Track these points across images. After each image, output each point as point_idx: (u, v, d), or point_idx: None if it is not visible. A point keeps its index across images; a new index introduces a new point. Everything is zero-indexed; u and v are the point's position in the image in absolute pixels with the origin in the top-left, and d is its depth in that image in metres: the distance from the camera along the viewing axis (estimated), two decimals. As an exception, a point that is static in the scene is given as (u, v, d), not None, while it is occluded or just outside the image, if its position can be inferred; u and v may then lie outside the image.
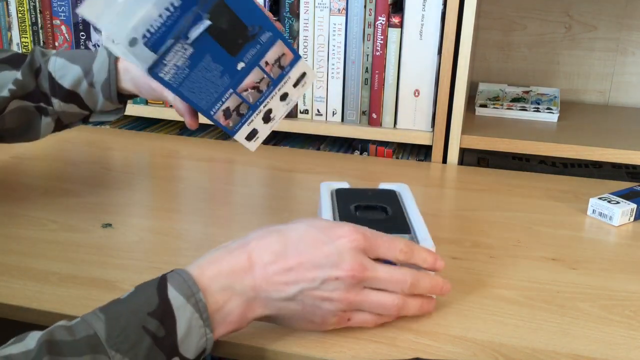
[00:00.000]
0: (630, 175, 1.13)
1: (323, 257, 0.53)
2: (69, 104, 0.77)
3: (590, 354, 0.58)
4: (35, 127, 0.78)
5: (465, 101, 1.04)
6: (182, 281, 0.50)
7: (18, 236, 0.76)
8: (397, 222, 0.69)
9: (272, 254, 0.54)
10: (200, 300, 0.50)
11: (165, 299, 0.49)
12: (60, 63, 0.76)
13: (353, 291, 0.55)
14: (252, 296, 0.53)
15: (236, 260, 0.53)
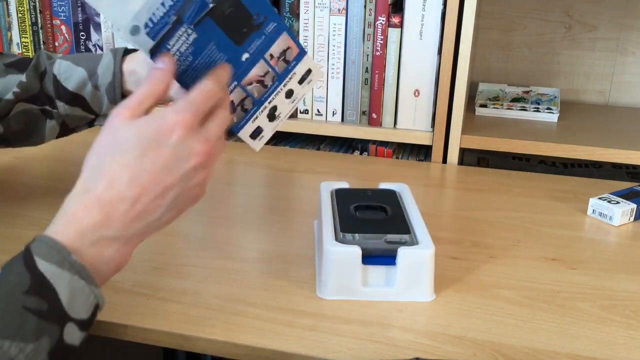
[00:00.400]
0: (630, 175, 1.13)
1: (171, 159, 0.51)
2: (74, 107, 0.76)
3: (590, 354, 0.58)
4: (40, 131, 0.77)
5: (465, 101, 1.04)
6: (48, 249, 0.48)
7: (18, 236, 0.75)
8: (397, 222, 0.69)
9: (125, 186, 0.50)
10: (74, 262, 0.48)
11: (37, 273, 0.47)
12: (65, 65, 0.75)
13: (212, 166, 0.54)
14: (128, 237, 0.51)
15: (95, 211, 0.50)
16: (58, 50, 1.16)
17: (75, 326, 0.48)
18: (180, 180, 0.51)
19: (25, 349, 0.45)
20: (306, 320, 0.61)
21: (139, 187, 0.50)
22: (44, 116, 0.76)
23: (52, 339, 0.47)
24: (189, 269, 0.70)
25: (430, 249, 0.64)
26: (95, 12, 1.13)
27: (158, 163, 0.50)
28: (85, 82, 0.75)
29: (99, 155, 0.52)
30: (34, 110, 0.75)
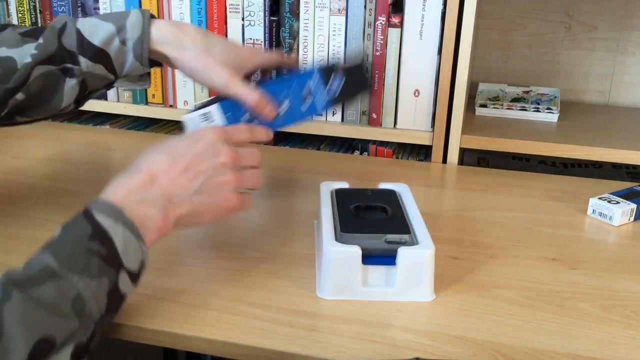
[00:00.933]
0: (630, 175, 1.13)
1: (202, 152, 0.63)
2: (96, 64, 0.72)
3: (590, 354, 0.58)
4: (58, 93, 0.73)
5: (465, 101, 1.04)
6: (105, 206, 0.56)
7: (18, 236, 0.76)
8: (397, 222, 0.69)
9: (164, 163, 0.61)
10: (126, 219, 0.56)
11: (97, 224, 0.54)
12: (90, 21, 0.72)
13: (237, 172, 0.64)
14: (166, 201, 0.59)
15: (138, 178, 0.60)
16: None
17: (127, 276, 0.55)
18: (208, 170, 0.62)
19: (90, 285, 0.52)
20: (306, 320, 0.61)
21: (175, 164, 0.61)
22: (63, 76, 0.72)
23: (110, 281, 0.53)
24: (189, 269, 0.70)
25: (430, 249, 0.64)
26: (95, 12, 1.13)
27: (192, 151, 0.62)
28: (113, 37, 0.72)
29: (147, 150, 0.64)
30: (53, 70, 0.71)
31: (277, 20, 1.06)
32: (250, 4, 1.06)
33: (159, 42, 0.73)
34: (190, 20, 1.09)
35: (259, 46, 0.91)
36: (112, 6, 1.11)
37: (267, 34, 1.07)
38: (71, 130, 1.15)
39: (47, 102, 0.74)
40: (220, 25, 1.08)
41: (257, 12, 1.06)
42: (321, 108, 0.79)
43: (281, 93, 0.77)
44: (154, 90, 1.15)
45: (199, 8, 1.08)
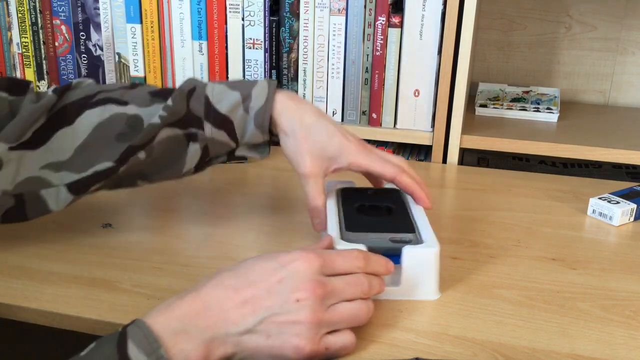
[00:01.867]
0: (630, 175, 1.13)
1: (277, 282, 0.53)
2: (220, 131, 0.71)
3: (590, 354, 0.58)
4: (181, 157, 0.71)
5: (465, 101, 1.04)
6: (142, 336, 0.49)
7: (18, 236, 0.76)
8: (401, 221, 0.69)
9: (225, 289, 0.52)
10: (161, 356, 0.48)
11: (126, 357, 0.47)
12: (219, 88, 0.72)
13: (320, 310, 0.53)
14: (210, 336, 0.51)
15: (187, 304, 0.52)
16: (58, 50, 1.16)
17: None
18: (274, 306, 0.52)
19: None
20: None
21: (236, 294, 0.52)
22: (187, 141, 0.71)
23: None
24: (189, 269, 0.70)
25: (435, 248, 0.64)
26: (95, 12, 1.13)
27: (266, 280, 0.53)
28: (238, 105, 0.71)
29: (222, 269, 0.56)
30: (179, 135, 0.70)
31: (277, 20, 1.06)
32: (250, 4, 1.06)
33: (278, 113, 0.71)
34: (190, 20, 1.09)
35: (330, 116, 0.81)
36: (112, 6, 1.11)
37: (267, 34, 1.07)
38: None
39: (168, 166, 0.72)
40: (220, 25, 1.08)
41: (257, 12, 1.06)
42: None
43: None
44: (154, 90, 1.15)
45: (199, 8, 1.08)
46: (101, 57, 1.15)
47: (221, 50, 1.10)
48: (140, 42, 1.13)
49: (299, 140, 0.71)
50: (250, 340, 0.52)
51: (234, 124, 0.71)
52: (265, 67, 1.09)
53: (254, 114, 0.71)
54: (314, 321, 0.52)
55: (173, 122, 0.70)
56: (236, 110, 0.71)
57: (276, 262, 0.54)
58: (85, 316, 0.61)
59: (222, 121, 0.71)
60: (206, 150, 0.72)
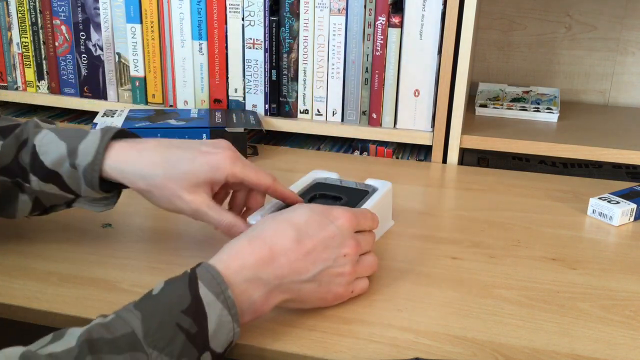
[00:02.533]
0: (630, 175, 1.13)
1: (330, 237, 0.59)
2: (49, 184, 0.66)
3: (590, 354, 0.58)
4: (12, 204, 0.68)
5: (465, 101, 1.04)
6: (211, 278, 0.52)
7: (18, 236, 0.76)
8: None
9: (290, 240, 0.57)
10: (229, 297, 0.52)
11: (197, 297, 0.51)
12: (48, 138, 0.66)
13: (357, 264, 0.62)
14: (276, 284, 0.56)
15: (258, 252, 0.56)
16: (58, 50, 1.16)
17: (210, 356, 0.52)
18: (329, 260, 0.59)
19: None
20: (306, 320, 0.61)
21: (299, 246, 0.58)
22: (17, 189, 0.67)
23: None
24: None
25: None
26: (95, 12, 1.13)
27: (320, 234, 0.59)
28: (64, 160, 0.65)
29: (274, 216, 0.61)
30: (6, 182, 0.66)
31: (277, 20, 1.06)
32: (250, 4, 1.06)
33: (113, 170, 0.65)
34: (190, 20, 1.09)
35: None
36: (112, 6, 1.11)
37: (267, 34, 1.07)
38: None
39: (1, 209, 0.68)
40: (220, 25, 1.08)
41: (257, 12, 1.06)
42: None
43: None
44: (154, 90, 1.15)
45: (199, 8, 1.08)
46: (101, 57, 1.15)
47: (221, 50, 1.10)
48: (140, 42, 1.13)
49: (161, 186, 0.65)
50: (307, 288, 0.58)
51: (63, 178, 0.66)
52: (265, 67, 1.09)
53: (82, 170, 0.65)
54: (353, 273, 0.61)
55: (0, 169, 0.65)
56: (62, 165, 0.65)
57: (326, 218, 0.60)
58: (85, 316, 0.61)
59: (49, 175, 0.65)
60: (38, 201, 0.67)
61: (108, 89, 1.17)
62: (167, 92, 1.15)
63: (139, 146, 0.66)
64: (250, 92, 1.11)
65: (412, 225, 0.82)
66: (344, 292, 0.62)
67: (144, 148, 0.66)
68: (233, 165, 0.66)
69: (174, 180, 0.65)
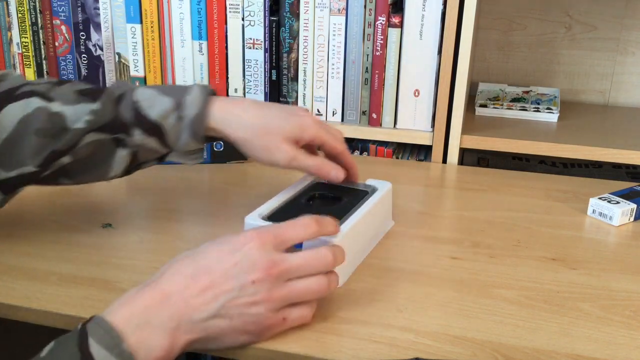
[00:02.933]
0: (630, 175, 1.13)
1: (232, 266, 0.54)
2: (150, 137, 0.69)
3: (590, 354, 0.58)
4: (107, 162, 0.70)
5: (465, 101, 1.04)
6: (103, 333, 0.49)
7: (18, 236, 0.76)
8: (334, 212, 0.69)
9: (185, 278, 0.54)
10: (124, 350, 0.49)
11: (88, 355, 0.48)
12: (149, 94, 0.69)
13: (276, 288, 0.55)
14: (174, 325, 0.52)
15: (148, 296, 0.53)
16: (58, 50, 1.16)
17: None
18: (234, 290, 0.53)
19: None
20: (306, 320, 0.61)
21: (195, 282, 0.53)
22: (114, 146, 0.69)
23: None
24: (189, 269, 0.70)
25: (334, 239, 0.63)
26: (95, 12, 1.13)
27: (220, 266, 0.54)
28: (169, 112, 0.68)
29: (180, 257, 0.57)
30: (106, 140, 0.68)
31: (277, 20, 1.06)
32: (250, 4, 1.06)
33: (217, 122, 0.69)
34: (190, 20, 1.09)
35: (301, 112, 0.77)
36: (112, 6, 1.11)
37: (267, 34, 1.07)
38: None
39: (94, 169, 0.70)
40: (220, 25, 1.08)
41: (257, 12, 1.06)
42: None
43: None
44: (154, 90, 1.15)
45: (199, 8, 1.08)
46: (101, 57, 1.15)
47: (221, 50, 1.10)
48: (140, 42, 1.13)
49: (262, 136, 0.70)
50: (215, 325, 0.53)
51: (166, 131, 0.69)
52: (265, 67, 1.09)
53: (189, 122, 0.68)
54: (271, 300, 0.54)
55: (100, 127, 0.67)
56: (168, 118, 0.68)
57: (230, 245, 0.55)
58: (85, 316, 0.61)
59: (152, 128, 0.68)
60: (135, 155, 0.70)
61: (108, 89, 1.17)
62: (167, 92, 1.15)
63: (238, 101, 0.72)
64: (250, 92, 1.11)
65: (412, 225, 0.82)
66: (266, 321, 0.55)
67: (244, 102, 0.72)
68: (319, 128, 0.72)
69: (273, 132, 0.70)
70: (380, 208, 0.76)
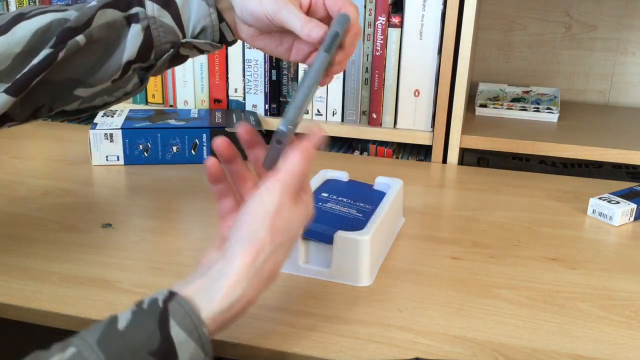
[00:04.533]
0: (630, 175, 1.13)
1: (284, 226, 0.54)
2: (163, 11, 0.65)
3: (590, 354, 0.58)
4: (121, 43, 0.65)
5: (465, 101, 1.04)
6: (184, 314, 0.49)
7: (18, 236, 0.76)
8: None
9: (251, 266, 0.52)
10: (203, 334, 0.49)
11: (167, 336, 0.47)
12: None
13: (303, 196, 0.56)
14: (247, 305, 0.52)
15: (239, 290, 0.51)
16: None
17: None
18: (286, 237, 0.54)
19: None
20: (306, 320, 0.61)
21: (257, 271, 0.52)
22: (127, 24, 0.65)
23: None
24: (188, 269, 0.69)
25: (366, 237, 0.66)
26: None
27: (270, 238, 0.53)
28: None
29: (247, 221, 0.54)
30: (118, 18, 0.64)
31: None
32: (250, 4, 1.06)
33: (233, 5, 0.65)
34: (190, 20, 1.09)
35: None
36: (112, 6, 1.11)
37: (267, 34, 1.07)
38: (71, 130, 1.15)
39: (108, 56, 0.65)
40: (220, 25, 1.08)
41: (257, 12, 1.06)
42: None
43: None
44: (154, 90, 1.15)
45: (199, 8, 1.08)
46: (101, 57, 1.15)
47: (221, 50, 1.10)
48: (140, 42, 1.13)
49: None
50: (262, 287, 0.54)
51: (178, 7, 0.65)
52: (265, 67, 1.09)
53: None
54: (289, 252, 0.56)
55: (112, 2, 0.64)
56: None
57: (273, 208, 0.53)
58: (85, 316, 0.61)
59: (166, 2, 0.65)
60: (149, 35, 0.65)
61: (108, 89, 1.17)
62: (167, 92, 1.15)
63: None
64: (250, 92, 1.11)
65: (412, 225, 0.82)
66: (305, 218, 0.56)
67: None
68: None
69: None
70: (396, 205, 0.78)
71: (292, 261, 0.69)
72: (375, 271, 0.70)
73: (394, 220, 0.79)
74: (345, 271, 0.67)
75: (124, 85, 0.67)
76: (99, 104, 0.68)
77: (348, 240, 0.66)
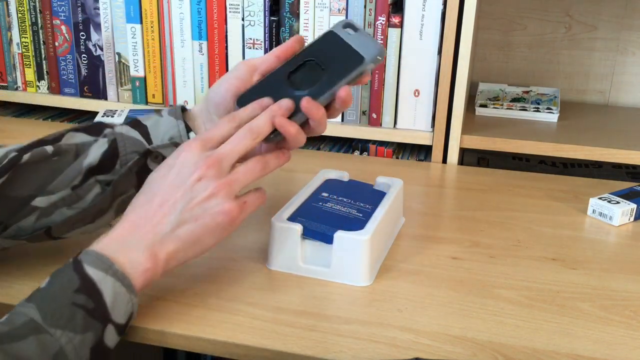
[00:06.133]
0: (630, 175, 1.13)
1: (175, 177, 0.58)
2: (133, 130, 0.67)
3: (590, 354, 0.58)
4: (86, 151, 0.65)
5: (465, 101, 1.04)
6: (94, 258, 0.54)
7: (18, 236, 0.75)
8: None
9: (140, 206, 0.58)
10: (117, 270, 0.54)
11: (86, 276, 0.53)
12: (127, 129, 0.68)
13: (222, 177, 0.58)
14: (148, 243, 0.57)
15: (119, 227, 0.58)
16: (58, 50, 1.16)
17: (114, 329, 0.54)
18: (185, 195, 0.58)
19: (73, 340, 0.50)
20: (306, 320, 0.61)
21: (150, 204, 0.58)
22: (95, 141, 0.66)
23: (95, 336, 0.52)
24: (188, 269, 0.70)
25: (365, 236, 0.66)
26: (95, 12, 1.13)
27: (165, 183, 0.59)
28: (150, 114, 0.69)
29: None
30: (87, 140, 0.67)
31: (277, 20, 1.06)
32: (250, 4, 1.06)
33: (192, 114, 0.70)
34: (190, 20, 1.09)
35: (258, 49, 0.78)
36: (112, 6, 1.11)
37: (267, 34, 1.07)
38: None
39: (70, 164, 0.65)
40: (220, 25, 1.08)
41: (257, 12, 1.06)
42: None
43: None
44: (154, 90, 1.15)
45: (199, 8, 1.08)
46: (101, 57, 1.15)
47: (221, 50, 1.10)
48: (140, 42, 1.13)
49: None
50: (185, 230, 0.58)
51: (147, 126, 0.68)
52: (265, 67, 1.09)
53: (167, 111, 0.69)
54: (223, 187, 0.58)
55: (83, 128, 0.68)
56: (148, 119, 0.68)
57: (166, 165, 0.60)
58: (85, 316, 0.61)
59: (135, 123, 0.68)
60: (114, 145, 0.65)
61: (108, 89, 1.17)
62: (167, 92, 1.15)
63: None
64: (250, 92, 1.11)
65: (412, 225, 0.82)
66: (231, 208, 0.58)
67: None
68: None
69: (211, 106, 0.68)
70: (396, 205, 0.78)
71: (292, 261, 0.69)
72: (375, 271, 0.70)
73: (394, 220, 0.79)
74: (345, 271, 0.67)
75: (84, 194, 0.64)
76: (57, 219, 0.64)
77: (348, 240, 0.66)
